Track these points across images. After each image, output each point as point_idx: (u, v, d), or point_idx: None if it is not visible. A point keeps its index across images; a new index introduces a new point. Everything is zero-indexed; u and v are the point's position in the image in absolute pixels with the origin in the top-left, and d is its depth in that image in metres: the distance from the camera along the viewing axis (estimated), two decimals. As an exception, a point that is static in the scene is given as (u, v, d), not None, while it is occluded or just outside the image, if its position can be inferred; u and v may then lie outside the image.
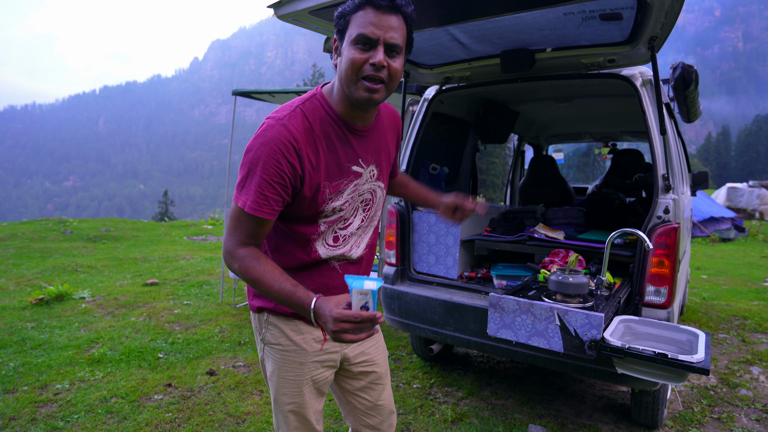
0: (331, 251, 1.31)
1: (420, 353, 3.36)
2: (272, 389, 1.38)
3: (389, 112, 1.42)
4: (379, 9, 1.09)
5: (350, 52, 1.11)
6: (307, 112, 1.19)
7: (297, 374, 1.35)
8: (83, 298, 4.86)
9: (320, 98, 1.22)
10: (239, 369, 3.23)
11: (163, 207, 50.25)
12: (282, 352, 1.35)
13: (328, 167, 1.21)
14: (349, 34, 1.12)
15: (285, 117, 1.15)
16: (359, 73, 1.11)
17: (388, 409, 1.53)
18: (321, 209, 1.23)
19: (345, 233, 1.32)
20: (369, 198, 1.35)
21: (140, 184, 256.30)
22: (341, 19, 1.15)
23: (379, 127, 1.34)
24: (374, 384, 1.49)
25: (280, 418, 1.38)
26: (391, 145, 1.42)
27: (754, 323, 4.50)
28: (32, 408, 2.64)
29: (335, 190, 1.23)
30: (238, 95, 4.75)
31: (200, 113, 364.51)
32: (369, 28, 1.09)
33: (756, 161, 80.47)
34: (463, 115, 3.61)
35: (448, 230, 2.80)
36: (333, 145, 1.21)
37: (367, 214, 1.37)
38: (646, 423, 2.57)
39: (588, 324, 1.70)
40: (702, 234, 12.24)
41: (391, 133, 1.42)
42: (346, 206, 1.27)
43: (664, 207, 2.16)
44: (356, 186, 1.28)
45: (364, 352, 1.47)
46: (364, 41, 1.10)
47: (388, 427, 1.53)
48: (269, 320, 1.35)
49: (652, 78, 2.28)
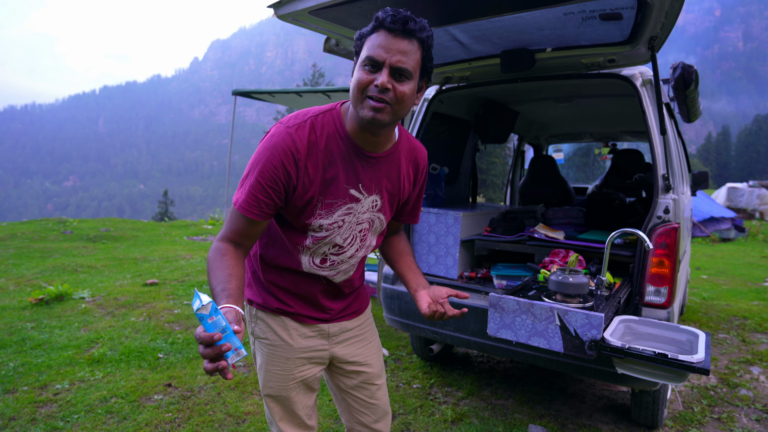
0: (314, 269, 1.31)
1: (420, 353, 3.36)
2: (261, 381, 1.41)
3: (411, 147, 1.36)
4: (391, 32, 1.09)
5: (358, 73, 1.12)
6: (317, 124, 1.19)
7: (283, 369, 1.37)
8: (83, 298, 4.86)
9: (335, 114, 1.22)
10: (239, 369, 3.23)
11: (163, 207, 50.25)
12: (269, 346, 1.37)
13: (324, 183, 1.20)
14: (360, 55, 1.14)
15: (293, 126, 1.17)
16: (364, 92, 1.11)
17: (383, 409, 1.52)
18: (308, 222, 1.23)
19: (336, 260, 1.32)
20: (367, 228, 1.32)
21: (140, 184, 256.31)
22: (359, 41, 1.16)
23: (394, 158, 1.29)
24: (367, 384, 1.49)
25: (268, 410, 1.42)
26: (404, 180, 1.35)
27: (754, 323, 4.50)
28: (32, 408, 2.64)
29: (326, 208, 1.22)
30: (238, 95, 4.76)
31: (200, 113, 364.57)
32: (376, 51, 1.09)
33: (756, 161, 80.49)
34: (463, 115, 3.61)
35: (448, 230, 2.80)
36: (335, 163, 1.20)
37: (362, 244, 1.34)
38: (646, 423, 2.57)
39: (588, 324, 1.70)
40: (702, 234, 12.24)
41: (409, 168, 1.35)
42: (333, 227, 1.25)
43: (664, 207, 2.16)
44: (350, 210, 1.26)
45: (353, 353, 1.47)
46: (371, 63, 1.10)
47: (383, 426, 1.53)
48: (257, 314, 1.38)
49: (652, 78, 2.28)
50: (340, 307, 1.43)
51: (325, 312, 1.40)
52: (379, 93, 1.10)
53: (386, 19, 1.09)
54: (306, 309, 1.38)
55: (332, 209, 1.23)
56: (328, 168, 1.20)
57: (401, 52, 1.09)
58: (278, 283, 1.35)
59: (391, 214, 1.38)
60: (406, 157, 1.34)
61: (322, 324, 1.40)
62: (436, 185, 3.23)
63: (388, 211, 1.35)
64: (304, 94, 4.57)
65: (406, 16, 1.09)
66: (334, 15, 1.93)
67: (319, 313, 1.40)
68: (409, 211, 1.47)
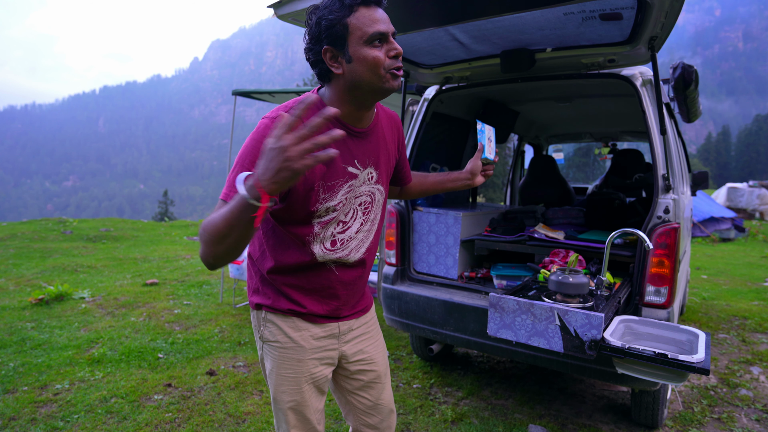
0: (328, 255, 1.31)
1: (420, 353, 3.36)
2: (271, 387, 1.38)
3: (387, 115, 1.43)
4: (370, 5, 1.14)
5: (369, 52, 1.14)
6: None
7: (295, 372, 1.34)
8: (83, 298, 4.86)
9: (316, 100, 1.22)
10: (239, 369, 3.23)
11: (163, 207, 50.22)
12: (280, 349, 1.34)
13: (322, 167, 1.20)
14: (354, 37, 1.13)
15: (276, 117, 1.16)
16: (387, 68, 1.15)
17: (388, 408, 1.52)
18: (314, 209, 1.23)
19: (344, 237, 1.32)
20: (368, 201, 1.35)
21: (140, 184, 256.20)
22: (334, 28, 1.13)
23: (378, 129, 1.34)
24: (373, 383, 1.49)
25: (281, 417, 1.38)
26: (391, 147, 1.42)
27: (754, 323, 4.50)
28: (32, 408, 2.64)
29: (329, 190, 1.23)
30: (238, 95, 4.75)
31: (200, 113, 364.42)
32: (378, 26, 1.13)
33: (756, 161, 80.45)
34: (463, 115, 3.61)
35: (448, 230, 2.80)
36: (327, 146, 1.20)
37: (366, 218, 1.36)
38: (646, 423, 2.57)
39: (588, 324, 1.70)
40: (702, 234, 12.24)
41: (391, 136, 1.42)
42: (339, 207, 1.27)
43: (664, 207, 2.16)
44: (351, 187, 1.28)
45: (363, 350, 1.48)
46: (379, 38, 1.14)
47: (387, 427, 1.53)
48: (267, 317, 1.35)
49: (652, 78, 2.28)
50: (353, 296, 1.42)
51: (338, 299, 1.38)
52: (397, 61, 1.17)
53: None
54: (319, 306, 1.35)
55: (335, 190, 1.24)
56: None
57: (388, 19, 1.18)
58: (291, 283, 1.33)
59: (388, 181, 1.44)
60: (387, 124, 1.41)
61: (332, 322, 1.39)
62: (436, 185, 3.23)
63: (385, 180, 1.40)
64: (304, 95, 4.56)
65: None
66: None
67: (333, 304, 1.37)
68: (402, 170, 1.57)
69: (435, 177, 1.68)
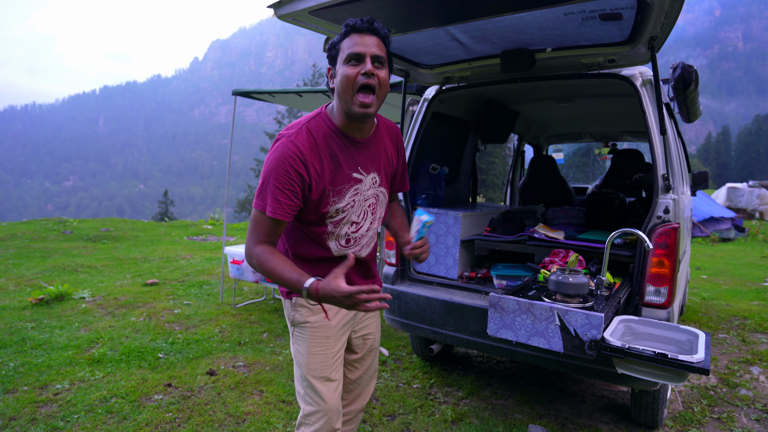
0: (342, 250, 1.54)
1: (420, 353, 3.36)
2: (303, 366, 1.55)
3: (387, 126, 1.61)
4: (361, 32, 1.35)
5: (344, 70, 1.34)
6: (312, 128, 1.41)
7: (325, 348, 1.55)
8: (83, 298, 4.86)
9: (324, 116, 1.44)
10: (239, 369, 3.23)
11: (163, 207, 50.17)
12: (311, 329, 1.54)
13: (331, 174, 1.41)
14: (340, 57, 1.36)
15: (293, 134, 1.38)
16: (354, 86, 1.33)
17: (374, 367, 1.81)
18: (325, 210, 1.44)
19: (356, 236, 1.55)
20: (374, 202, 1.56)
21: (140, 184, 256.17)
22: (332, 49, 1.39)
23: (378, 138, 1.54)
24: (370, 352, 1.76)
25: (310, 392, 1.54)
26: (391, 154, 1.61)
27: (754, 323, 4.50)
28: (32, 408, 2.64)
29: (338, 194, 1.44)
30: (238, 95, 4.75)
31: (200, 113, 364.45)
32: (357, 47, 1.33)
33: (756, 161, 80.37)
34: (463, 115, 3.61)
35: (448, 230, 2.80)
36: (335, 155, 1.43)
37: (374, 217, 1.58)
38: (646, 423, 2.57)
39: (588, 324, 1.70)
40: (702, 234, 12.23)
41: (391, 144, 1.61)
42: (348, 208, 1.47)
43: (664, 207, 2.16)
44: (357, 191, 1.48)
45: (364, 323, 1.71)
46: (355, 58, 1.33)
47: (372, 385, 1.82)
48: (297, 302, 1.55)
49: (652, 78, 2.28)
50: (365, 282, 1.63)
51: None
52: (367, 79, 1.32)
53: (356, 23, 1.34)
54: None
55: (342, 193, 1.45)
56: (331, 160, 1.42)
57: (374, 45, 1.35)
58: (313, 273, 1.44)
59: (389, 185, 1.63)
60: (387, 134, 1.59)
61: None
62: (436, 185, 3.23)
63: (386, 184, 1.60)
64: (304, 94, 4.55)
65: (370, 18, 1.36)
66: (334, 15, 1.93)
67: None
68: (400, 178, 1.72)
69: (399, 221, 1.77)
